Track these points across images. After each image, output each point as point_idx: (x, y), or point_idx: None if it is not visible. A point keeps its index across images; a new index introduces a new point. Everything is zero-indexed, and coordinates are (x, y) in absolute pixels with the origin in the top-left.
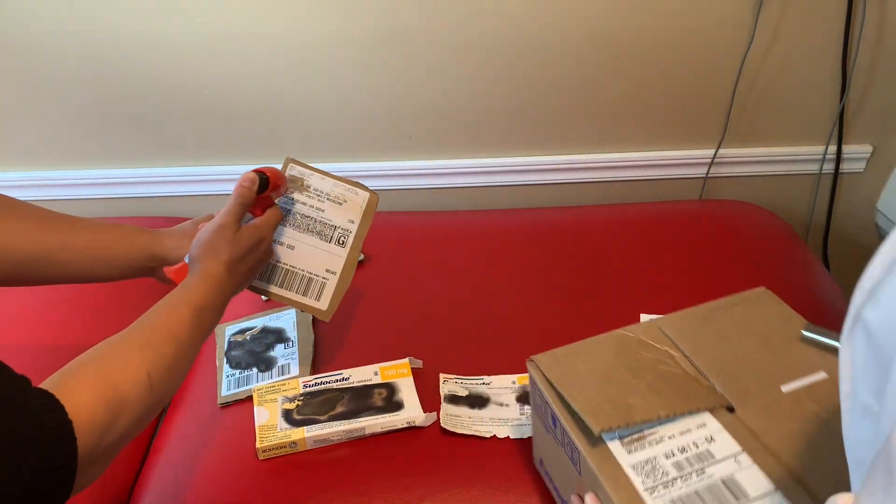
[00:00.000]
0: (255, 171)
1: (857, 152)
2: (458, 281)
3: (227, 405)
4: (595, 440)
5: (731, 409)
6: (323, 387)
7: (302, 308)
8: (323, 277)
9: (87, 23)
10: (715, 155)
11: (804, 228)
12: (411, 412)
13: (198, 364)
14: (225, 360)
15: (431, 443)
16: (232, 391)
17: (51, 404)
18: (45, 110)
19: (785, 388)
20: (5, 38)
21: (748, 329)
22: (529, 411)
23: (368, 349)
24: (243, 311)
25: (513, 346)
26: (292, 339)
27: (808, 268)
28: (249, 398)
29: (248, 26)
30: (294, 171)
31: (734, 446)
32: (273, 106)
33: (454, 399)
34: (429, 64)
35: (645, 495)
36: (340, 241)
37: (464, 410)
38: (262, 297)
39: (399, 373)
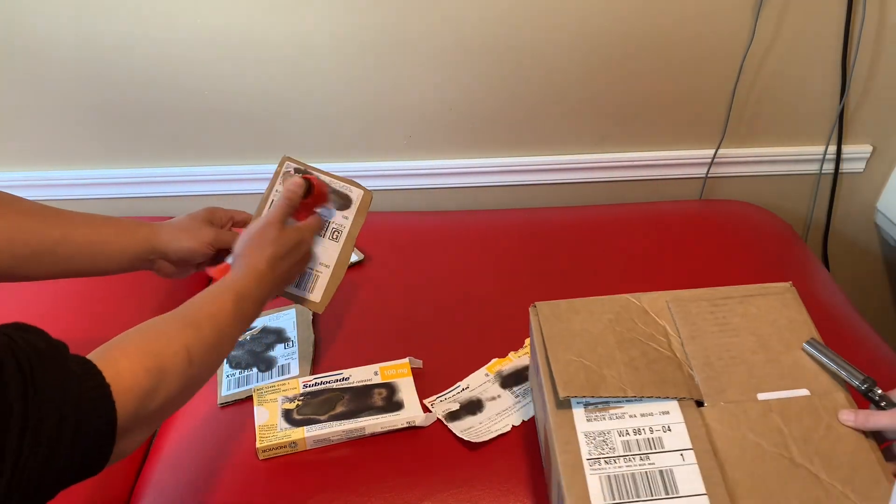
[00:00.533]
0: (303, 177)
1: (856, 152)
2: (457, 281)
3: (227, 405)
4: (563, 403)
5: (700, 404)
6: (323, 387)
7: (295, 300)
8: (317, 271)
9: (87, 23)
10: (715, 155)
11: (804, 228)
12: (411, 412)
13: None
14: (225, 359)
15: (431, 443)
16: (232, 391)
17: (90, 368)
18: (45, 110)
19: (761, 396)
20: (5, 38)
21: (753, 325)
22: (521, 391)
23: (368, 349)
24: None
25: (513, 345)
26: (292, 338)
27: (808, 268)
28: (249, 398)
29: (248, 26)
30: (290, 168)
31: (686, 441)
32: (273, 106)
33: (454, 415)
34: (429, 64)
35: (586, 464)
36: (334, 237)
37: (470, 420)
38: None
39: (399, 373)
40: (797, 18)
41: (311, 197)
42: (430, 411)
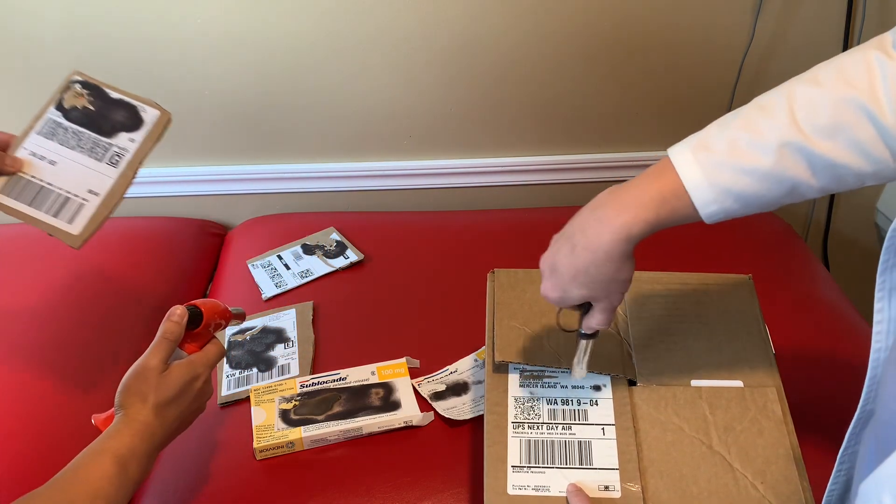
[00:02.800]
0: (188, 304)
1: None
2: (457, 281)
3: (227, 405)
4: (500, 367)
5: (633, 383)
6: (320, 387)
7: (50, 231)
8: (83, 199)
9: (86, 23)
10: None
11: (804, 228)
12: (408, 411)
13: None
14: (225, 359)
15: (429, 442)
16: (232, 391)
17: None
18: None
19: (694, 382)
20: (3, 38)
21: (701, 313)
22: None
23: (367, 349)
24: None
25: None
26: (292, 338)
27: (808, 268)
28: (249, 398)
29: (248, 27)
30: (76, 81)
31: (610, 417)
32: (273, 106)
33: (440, 395)
34: (429, 64)
35: (510, 426)
36: (113, 161)
37: (454, 401)
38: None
39: (396, 372)
40: (797, 18)
41: (204, 326)
42: (428, 411)
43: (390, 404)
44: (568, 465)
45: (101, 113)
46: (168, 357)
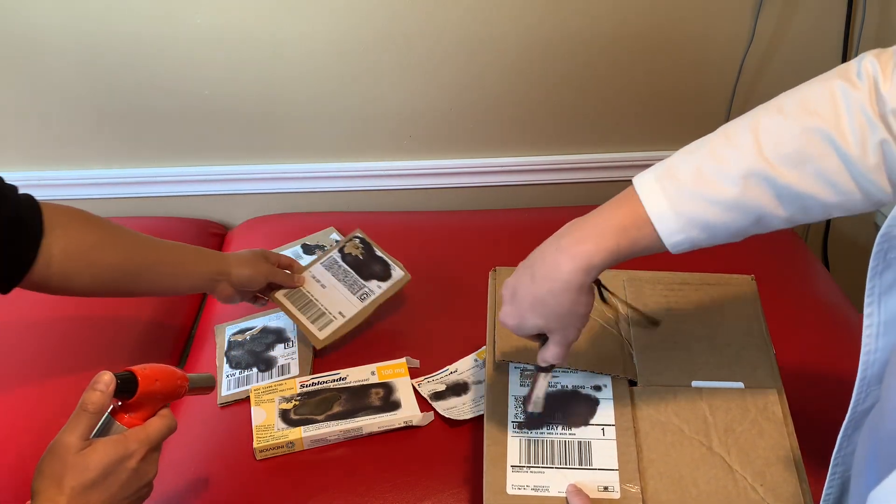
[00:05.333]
0: (127, 369)
1: None
2: (457, 280)
3: (227, 405)
4: (500, 366)
5: (633, 383)
6: (320, 387)
7: (304, 329)
8: (333, 316)
9: (86, 23)
10: None
11: (804, 228)
12: (408, 411)
13: (198, 364)
14: (225, 359)
15: (429, 442)
16: (232, 391)
17: None
18: (45, 110)
19: (694, 384)
20: (5, 39)
21: (703, 314)
22: None
23: (367, 349)
24: (243, 310)
25: None
26: (292, 338)
27: (808, 268)
28: (249, 398)
29: (248, 26)
30: (358, 234)
31: (610, 418)
32: (273, 106)
33: (439, 395)
34: (429, 64)
35: (510, 426)
36: (362, 297)
37: (454, 401)
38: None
39: (396, 372)
40: (797, 18)
41: (140, 395)
42: (428, 411)
43: (390, 404)
44: (567, 466)
45: (366, 262)
46: (88, 433)
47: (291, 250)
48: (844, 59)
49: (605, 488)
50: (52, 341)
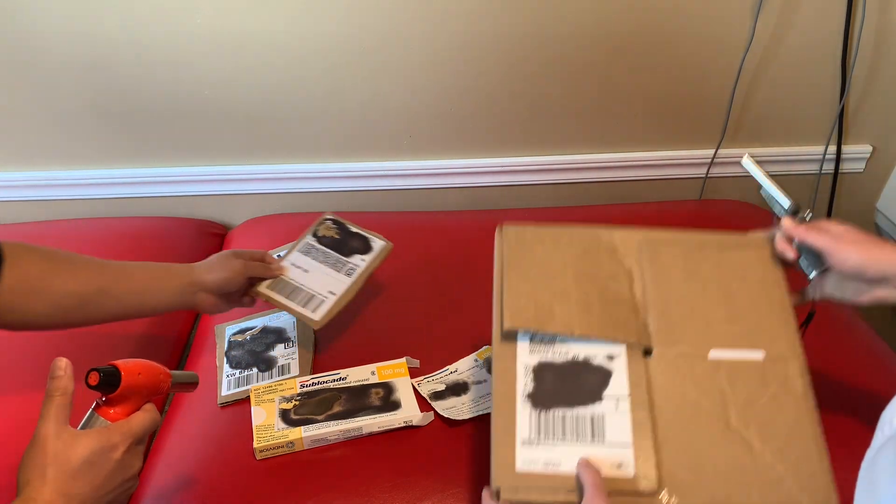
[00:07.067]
0: (111, 363)
1: (857, 152)
2: (457, 281)
3: (227, 405)
4: (509, 335)
5: (648, 352)
6: (320, 387)
7: (298, 316)
8: (324, 296)
9: (86, 23)
10: (715, 155)
11: None
12: (408, 411)
13: (198, 364)
14: (225, 359)
15: (429, 442)
16: (232, 391)
17: None
18: (43, 110)
19: (712, 354)
20: (4, 39)
21: (722, 278)
22: None
23: (367, 349)
24: (243, 311)
25: None
26: (292, 338)
27: None
28: (250, 398)
29: (247, 26)
30: (329, 216)
31: (624, 389)
32: (273, 106)
33: (439, 395)
34: (429, 64)
35: (519, 397)
36: (348, 273)
37: (454, 401)
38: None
39: (396, 372)
40: (797, 19)
41: (124, 389)
42: (428, 411)
43: (390, 404)
44: (578, 440)
45: (343, 240)
46: (63, 418)
47: None
48: (844, 59)
49: (619, 465)
50: (52, 341)
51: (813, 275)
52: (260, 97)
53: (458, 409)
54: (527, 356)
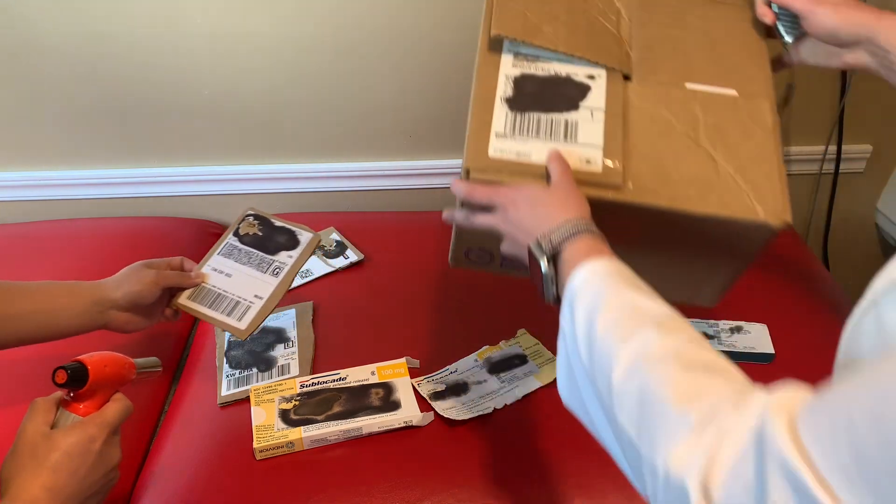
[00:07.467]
0: (76, 359)
1: (856, 152)
2: (457, 281)
3: (227, 405)
4: (494, 46)
5: (627, 78)
6: (320, 387)
7: (223, 327)
8: (249, 301)
9: (86, 23)
10: None
11: (804, 228)
12: (408, 412)
13: (198, 364)
14: (225, 359)
15: (429, 442)
16: (232, 391)
17: None
18: (41, 110)
19: (689, 85)
20: (5, 40)
21: (707, 26)
22: (507, 377)
23: (367, 349)
24: None
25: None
26: (292, 338)
27: (808, 268)
28: (249, 398)
29: (246, 26)
30: (251, 212)
31: (600, 102)
32: (273, 106)
33: (439, 395)
34: (429, 64)
35: (497, 100)
36: (275, 272)
37: (454, 401)
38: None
39: (396, 372)
40: None
41: (92, 384)
42: (428, 411)
43: (390, 404)
44: (551, 139)
45: (267, 237)
46: (45, 420)
47: None
48: None
49: (588, 161)
50: (51, 342)
51: (789, 39)
52: (260, 97)
53: (458, 409)
54: (509, 68)
